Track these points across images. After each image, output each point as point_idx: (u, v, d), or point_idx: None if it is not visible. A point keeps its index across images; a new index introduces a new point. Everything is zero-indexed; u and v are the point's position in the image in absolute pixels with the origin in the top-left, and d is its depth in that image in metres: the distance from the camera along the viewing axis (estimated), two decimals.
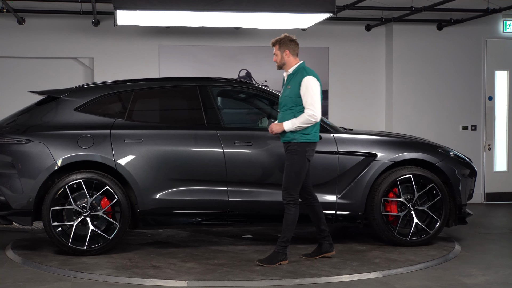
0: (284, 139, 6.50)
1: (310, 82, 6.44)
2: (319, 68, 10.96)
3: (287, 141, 6.48)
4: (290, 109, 6.45)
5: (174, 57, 10.53)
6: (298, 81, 6.46)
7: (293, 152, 6.42)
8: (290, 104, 6.46)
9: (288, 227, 6.48)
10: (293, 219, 6.47)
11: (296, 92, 6.43)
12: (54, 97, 7.23)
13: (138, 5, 7.49)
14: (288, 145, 6.46)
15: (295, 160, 6.42)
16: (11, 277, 6.11)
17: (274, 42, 6.67)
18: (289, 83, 6.53)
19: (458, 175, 7.48)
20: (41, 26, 10.18)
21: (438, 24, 10.85)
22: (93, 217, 6.86)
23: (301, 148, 6.42)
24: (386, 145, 7.41)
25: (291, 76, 6.54)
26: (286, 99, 6.50)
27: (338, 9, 9.07)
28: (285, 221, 6.49)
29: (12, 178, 6.82)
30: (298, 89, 6.42)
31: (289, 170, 6.44)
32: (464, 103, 11.09)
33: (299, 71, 6.53)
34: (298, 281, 5.97)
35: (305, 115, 6.38)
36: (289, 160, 6.44)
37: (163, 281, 5.94)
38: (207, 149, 7.06)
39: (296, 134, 6.41)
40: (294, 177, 6.42)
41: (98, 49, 10.33)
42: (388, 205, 7.32)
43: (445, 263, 6.68)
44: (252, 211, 7.15)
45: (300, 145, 6.42)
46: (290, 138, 6.44)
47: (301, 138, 6.42)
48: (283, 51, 6.60)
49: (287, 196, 6.46)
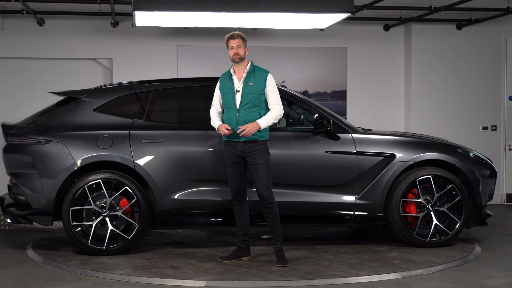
0: (249, 137, 6.36)
1: (273, 79, 6.52)
2: (337, 68, 10.94)
3: (253, 140, 6.39)
4: (256, 106, 6.40)
5: (192, 57, 10.55)
6: (262, 78, 6.45)
7: (264, 150, 6.43)
8: (255, 101, 6.40)
9: (278, 223, 6.50)
10: (277, 214, 6.49)
11: (261, 89, 6.42)
12: (73, 97, 7.27)
13: (157, 6, 7.51)
14: (254, 144, 6.39)
15: (267, 157, 6.45)
16: (31, 276, 6.16)
17: (240, 35, 6.57)
18: (249, 80, 6.44)
19: (478, 176, 7.42)
20: (61, 27, 10.26)
21: (458, 24, 10.77)
22: (112, 217, 6.89)
23: (266, 145, 6.48)
24: (405, 145, 7.37)
25: (250, 73, 6.47)
26: (251, 96, 6.40)
27: (357, 9, 9.04)
28: (275, 219, 6.47)
29: (32, 178, 6.88)
30: (264, 86, 6.42)
31: (265, 169, 6.41)
32: (484, 103, 11.00)
33: (256, 68, 6.54)
34: (316, 281, 5.95)
35: (276, 111, 6.44)
36: (263, 159, 6.40)
37: (182, 281, 5.95)
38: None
39: (262, 132, 6.42)
40: (269, 174, 6.44)
41: (116, 50, 10.39)
42: (407, 205, 7.29)
43: (465, 265, 6.63)
44: None
45: (266, 142, 6.48)
46: (258, 136, 6.40)
47: (266, 136, 6.47)
48: (245, 46, 6.57)
49: (270, 194, 6.42)
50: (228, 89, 6.51)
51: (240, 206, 6.62)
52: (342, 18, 8.30)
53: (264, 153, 6.43)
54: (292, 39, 10.67)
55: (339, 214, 7.20)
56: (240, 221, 6.64)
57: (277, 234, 6.52)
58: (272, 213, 6.47)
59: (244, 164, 6.52)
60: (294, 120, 7.57)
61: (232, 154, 6.49)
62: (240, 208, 6.62)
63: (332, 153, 7.17)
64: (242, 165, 6.52)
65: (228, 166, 6.57)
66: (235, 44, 6.50)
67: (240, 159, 6.48)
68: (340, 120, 7.41)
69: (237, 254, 6.66)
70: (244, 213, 6.64)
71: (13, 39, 10.17)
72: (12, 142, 7.02)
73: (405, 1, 9.51)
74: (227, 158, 6.55)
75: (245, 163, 6.51)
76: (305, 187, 7.15)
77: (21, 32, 10.17)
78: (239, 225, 6.65)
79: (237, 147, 6.44)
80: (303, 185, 7.14)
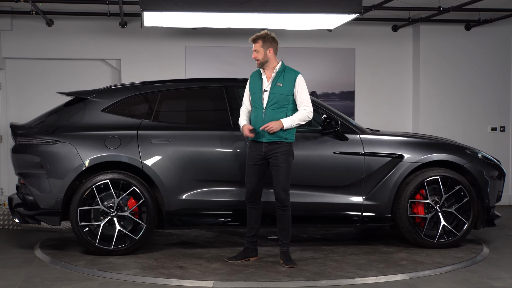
0: (274, 138, 6.34)
1: (303, 80, 6.45)
2: (345, 69, 10.93)
3: (277, 141, 6.36)
4: (283, 107, 6.36)
5: (200, 58, 10.56)
6: (292, 79, 6.39)
7: (287, 153, 6.37)
8: (283, 102, 6.36)
9: (290, 226, 6.48)
10: (290, 217, 6.47)
11: (290, 90, 6.37)
12: (82, 98, 7.29)
13: (165, 7, 7.53)
14: (279, 146, 6.35)
15: (290, 160, 6.40)
16: (39, 276, 6.18)
17: (256, 38, 6.49)
18: (277, 80, 6.40)
19: (487, 177, 7.40)
20: (69, 28, 10.29)
21: (466, 24, 10.74)
22: (120, 217, 6.91)
23: (291, 148, 6.43)
24: (413, 146, 7.36)
25: (279, 74, 6.43)
26: (278, 97, 6.35)
27: (365, 10, 9.02)
28: (287, 222, 6.45)
29: (41, 178, 6.90)
30: (292, 87, 6.37)
31: (286, 171, 6.36)
32: (492, 104, 10.97)
33: (287, 69, 6.49)
34: (324, 282, 5.95)
35: (304, 113, 6.37)
36: (285, 162, 6.34)
37: (189, 282, 5.96)
38: (233, 150, 7.07)
39: (287, 134, 6.36)
40: (289, 178, 6.40)
41: (125, 50, 10.41)
42: (415, 206, 7.27)
43: (473, 266, 6.61)
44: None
45: (291, 145, 6.42)
46: (282, 138, 6.35)
47: (291, 138, 6.41)
48: (266, 48, 6.48)
49: (287, 198, 6.39)
50: (256, 88, 6.49)
51: (253, 207, 6.59)
52: (351, 18, 8.30)
53: (286, 156, 6.37)
54: (300, 39, 10.66)
55: (347, 214, 7.19)
56: (252, 222, 6.62)
57: (286, 237, 6.51)
58: (285, 216, 6.46)
59: (265, 167, 6.48)
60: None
61: (255, 154, 6.45)
62: (253, 210, 6.60)
63: (340, 154, 7.16)
64: (263, 167, 6.47)
65: (249, 167, 6.52)
66: (254, 49, 6.51)
67: (262, 161, 6.44)
68: (348, 120, 7.40)
69: (244, 254, 6.66)
70: (256, 214, 6.61)
71: (22, 40, 10.21)
72: (20, 142, 7.05)
73: (413, 2, 9.49)
74: (250, 158, 6.51)
75: (267, 165, 6.47)
76: (312, 187, 7.14)
77: (30, 33, 10.21)
78: (250, 226, 6.63)
79: (262, 147, 6.40)
80: (310, 186, 7.14)
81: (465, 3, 9.13)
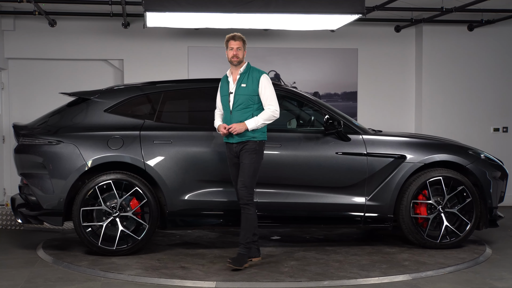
0: (242, 138, 6.34)
1: (267, 79, 6.46)
2: (348, 69, 10.93)
3: (246, 140, 6.36)
4: (248, 108, 6.37)
5: (203, 58, 10.56)
6: (256, 79, 6.41)
7: (253, 151, 6.35)
8: (248, 102, 6.37)
9: (250, 227, 6.38)
10: (253, 218, 6.39)
11: (254, 90, 6.38)
12: (84, 98, 7.30)
13: (168, 7, 7.54)
14: (246, 144, 6.35)
15: (255, 158, 6.37)
16: (42, 277, 6.19)
17: (241, 37, 6.50)
18: (242, 81, 6.41)
19: (489, 177, 7.40)
20: (72, 28, 10.30)
21: (469, 25, 10.73)
22: (123, 217, 6.91)
23: (260, 146, 6.41)
24: (416, 147, 7.35)
25: (243, 75, 6.44)
26: (243, 98, 6.37)
27: (368, 10, 9.02)
28: (247, 221, 6.37)
29: (43, 178, 6.90)
30: (257, 87, 6.39)
31: (248, 168, 6.34)
32: (495, 105, 10.96)
33: (251, 69, 6.50)
34: (326, 283, 5.95)
35: (269, 112, 6.38)
36: (248, 159, 6.34)
37: (192, 282, 5.96)
38: None
39: (255, 133, 6.36)
40: (253, 176, 6.37)
41: (128, 50, 10.42)
42: (418, 207, 7.27)
43: (476, 266, 6.61)
44: (281, 213, 7.14)
45: (259, 143, 6.39)
46: (250, 137, 6.34)
47: (260, 137, 6.39)
48: (244, 49, 6.52)
49: (247, 195, 6.35)
50: (224, 91, 6.54)
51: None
52: (353, 19, 8.30)
53: (251, 153, 6.35)
54: (303, 40, 10.66)
55: (349, 215, 7.19)
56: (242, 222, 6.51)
57: (243, 238, 6.39)
58: (245, 215, 6.39)
59: None
60: (304, 121, 7.57)
61: (230, 155, 6.51)
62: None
63: (343, 154, 7.16)
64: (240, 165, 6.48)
65: (229, 168, 6.58)
66: (235, 46, 6.46)
67: (236, 159, 6.47)
68: (351, 121, 7.40)
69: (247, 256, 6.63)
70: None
71: (25, 40, 10.23)
72: (23, 142, 7.05)
73: (416, 2, 9.49)
74: (228, 159, 6.57)
75: None
76: (315, 188, 7.14)
77: (33, 33, 10.23)
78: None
79: (233, 148, 6.44)
80: (313, 186, 7.14)
81: (468, 4, 9.13)
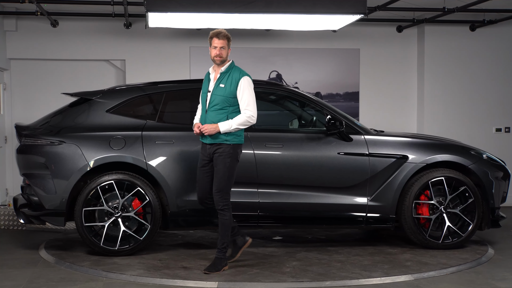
0: (215, 140, 6.18)
1: (248, 82, 6.24)
2: (350, 69, 10.92)
3: (219, 142, 6.20)
4: (224, 109, 6.19)
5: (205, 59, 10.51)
6: (235, 80, 6.21)
7: (226, 155, 6.16)
8: (223, 104, 6.19)
9: (226, 232, 6.29)
10: (229, 223, 6.28)
11: (232, 92, 6.19)
12: (86, 99, 7.30)
13: (170, 7, 7.54)
14: (219, 147, 6.18)
15: (229, 163, 6.18)
16: (44, 277, 6.19)
17: (227, 36, 6.31)
18: (221, 82, 6.25)
19: (491, 178, 7.39)
20: (74, 28, 10.31)
21: (471, 25, 10.73)
22: (125, 218, 6.91)
23: (234, 150, 6.21)
24: (418, 147, 7.35)
25: (223, 75, 6.26)
26: (219, 98, 6.18)
27: (369, 10, 9.03)
28: (223, 227, 6.26)
29: (46, 179, 6.91)
30: (235, 89, 6.21)
31: (223, 173, 6.16)
32: (497, 105, 10.95)
33: (233, 69, 6.30)
34: (328, 283, 5.94)
35: (244, 117, 6.17)
36: (222, 163, 6.15)
37: (194, 282, 5.96)
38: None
39: (229, 136, 6.17)
40: (228, 180, 6.21)
41: (129, 51, 10.43)
42: (420, 207, 7.26)
43: (478, 267, 6.60)
44: (283, 213, 7.14)
45: (233, 147, 6.21)
46: (223, 140, 6.17)
47: (234, 140, 6.21)
48: (229, 48, 6.34)
49: (222, 200, 6.21)
50: (204, 88, 6.38)
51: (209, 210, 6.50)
52: (355, 19, 8.29)
53: (225, 157, 6.16)
54: (305, 40, 10.66)
55: (351, 215, 7.18)
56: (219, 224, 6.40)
57: (221, 243, 6.29)
58: (221, 220, 6.28)
59: (212, 169, 6.31)
60: (306, 121, 7.56)
61: (202, 156, 6.35)
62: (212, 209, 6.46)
63: (345, 155, 7.16)
64: (209, 169, 6.32)
65: (198, 169, 6.42)
66: (219, 45, 6.27)
67: (207, 162, 6.31)
68: (353, 121, 7.39)
69: (236, 247, 6.57)
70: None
71: (27, 40, 10.24)
72: (25, 143, 7.06)
73: (418, 2, 9.48)
74: (199, 160, 6.40)
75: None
76: (317, 188, 7.14)
77: (35, 33, 10.24)
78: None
79: (206, 148, 6.30)
80: (315, 187, 7.13)
81: (470, 4, 9.12)
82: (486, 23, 10.49)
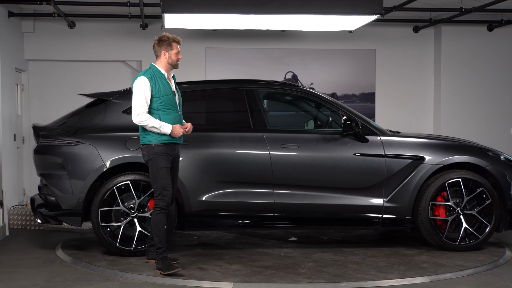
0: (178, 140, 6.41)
1: None
2: (366, 70, 10.89)
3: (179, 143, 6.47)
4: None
5: (221, 59, 10.58)
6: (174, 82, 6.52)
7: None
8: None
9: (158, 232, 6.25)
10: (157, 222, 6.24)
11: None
12: (103, 99, 7.33)
13: (186, 8, 7.56)
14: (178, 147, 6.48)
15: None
16: (61, 276, 6.23)
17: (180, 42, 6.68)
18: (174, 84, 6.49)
19: (509, 179, 7.33)
20: (91, 30, 10.37)
21: (489, 25, 10.66)
22: (141, 218, 6.94)
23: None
24: (434, 148, 7.31)
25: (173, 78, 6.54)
26: (180, 100, 6.48)
27: (386, 11, 8.99)
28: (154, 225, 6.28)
29: (62, 179, 6.95)
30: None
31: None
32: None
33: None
34: (344, 284, 5.93)
35: None
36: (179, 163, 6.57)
37: (209, 283, 5.97)
38: (253, 151, 7.07)
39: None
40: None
41: (146, 52, 10.44)
42: (436, 209, 7.22)
43: (495, 269, 6.55)
44: (298, 214, 7.13)
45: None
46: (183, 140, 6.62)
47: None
48: None
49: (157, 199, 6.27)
50: (167, 90, 6.33)
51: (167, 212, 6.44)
52: (371, 19, 8.26)
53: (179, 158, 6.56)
54: (320, 41, 10.65)
55: (367, 216, 7.16)
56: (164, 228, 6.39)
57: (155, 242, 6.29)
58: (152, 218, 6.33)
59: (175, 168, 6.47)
60: (322, 122, 7.55)
61: (171, 156, 6.31)
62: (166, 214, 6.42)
63: (361, 156, 7.14)
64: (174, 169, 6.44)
65: (166, 170, 6.26)
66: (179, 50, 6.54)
67: (173, 162, 6.38)
68: (369, 122, 7.37)
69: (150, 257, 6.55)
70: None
71: (44, 42, 10.31)
72: (42, 143, 7.11)
73: (435, 3, 9.44)
74: (166, 161, 6.26)
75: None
76: (333, 189, 7.12)
77: (52, 35, 10.31)
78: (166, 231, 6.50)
79: (175, 149, 6.36)
80: (331, 188, 7.12)
81: (487, 4, 9.06)
82: (504, 23, 10.42)
